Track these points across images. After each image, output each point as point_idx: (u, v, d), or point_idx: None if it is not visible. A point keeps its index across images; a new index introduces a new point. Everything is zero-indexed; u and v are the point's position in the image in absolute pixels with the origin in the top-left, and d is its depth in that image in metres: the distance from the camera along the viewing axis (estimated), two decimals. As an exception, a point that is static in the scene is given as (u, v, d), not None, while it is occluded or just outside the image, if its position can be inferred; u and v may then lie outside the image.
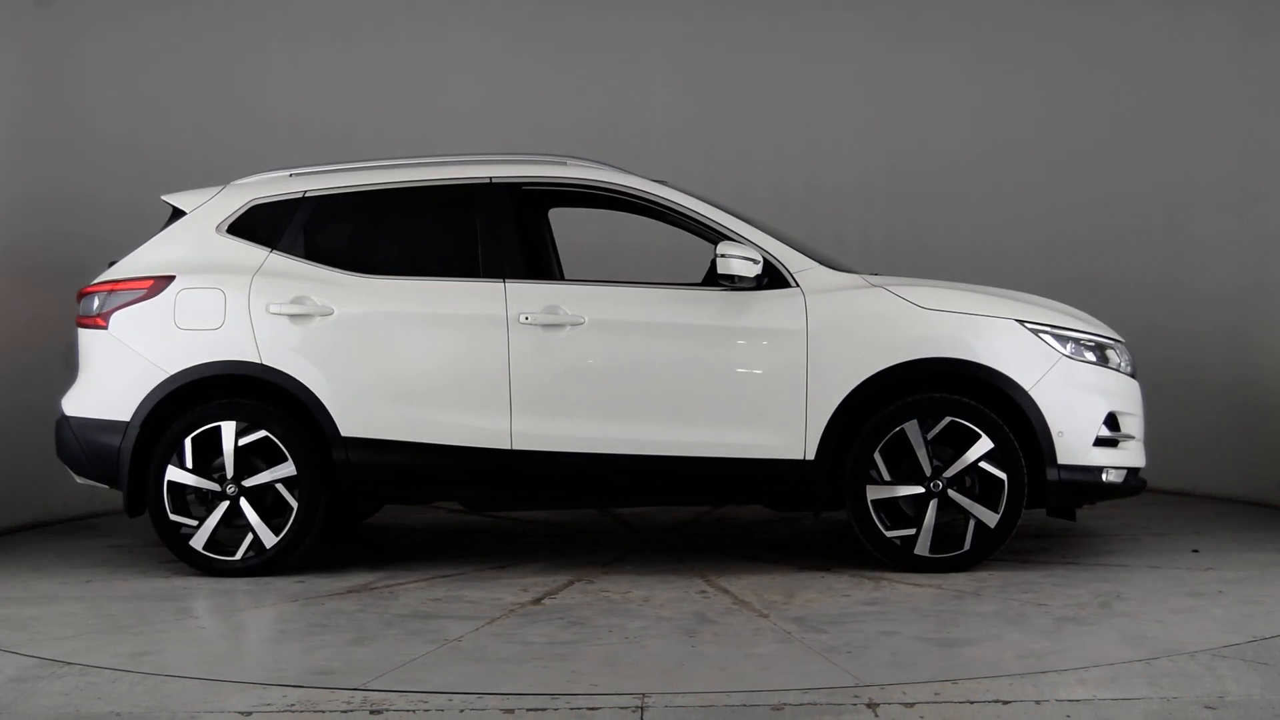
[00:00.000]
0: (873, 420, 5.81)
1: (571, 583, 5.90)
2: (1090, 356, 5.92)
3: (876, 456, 5.81)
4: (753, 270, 5.80)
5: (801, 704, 4.05)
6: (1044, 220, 8.79)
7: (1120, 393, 5.97)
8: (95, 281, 6.38)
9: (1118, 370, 6.00)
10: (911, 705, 4.01)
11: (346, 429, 5.98)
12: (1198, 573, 5.84)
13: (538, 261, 6.91)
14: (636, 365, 5.90)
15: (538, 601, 5.53)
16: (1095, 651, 4.58)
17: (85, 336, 6.29)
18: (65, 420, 6.28)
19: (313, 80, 8.98)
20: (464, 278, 6.03)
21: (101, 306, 6.24)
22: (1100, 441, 5.84)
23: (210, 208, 6.33)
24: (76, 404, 6.27)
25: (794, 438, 5.81)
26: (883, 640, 4.76)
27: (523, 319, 5.91)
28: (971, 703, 4.03)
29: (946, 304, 5.86)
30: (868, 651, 4.61)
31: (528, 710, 4.04)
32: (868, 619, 5.07)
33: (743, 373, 5.86)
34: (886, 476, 5.81)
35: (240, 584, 5.98)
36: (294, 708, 4.11)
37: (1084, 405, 5.83)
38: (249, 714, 4.08)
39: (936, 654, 4.58)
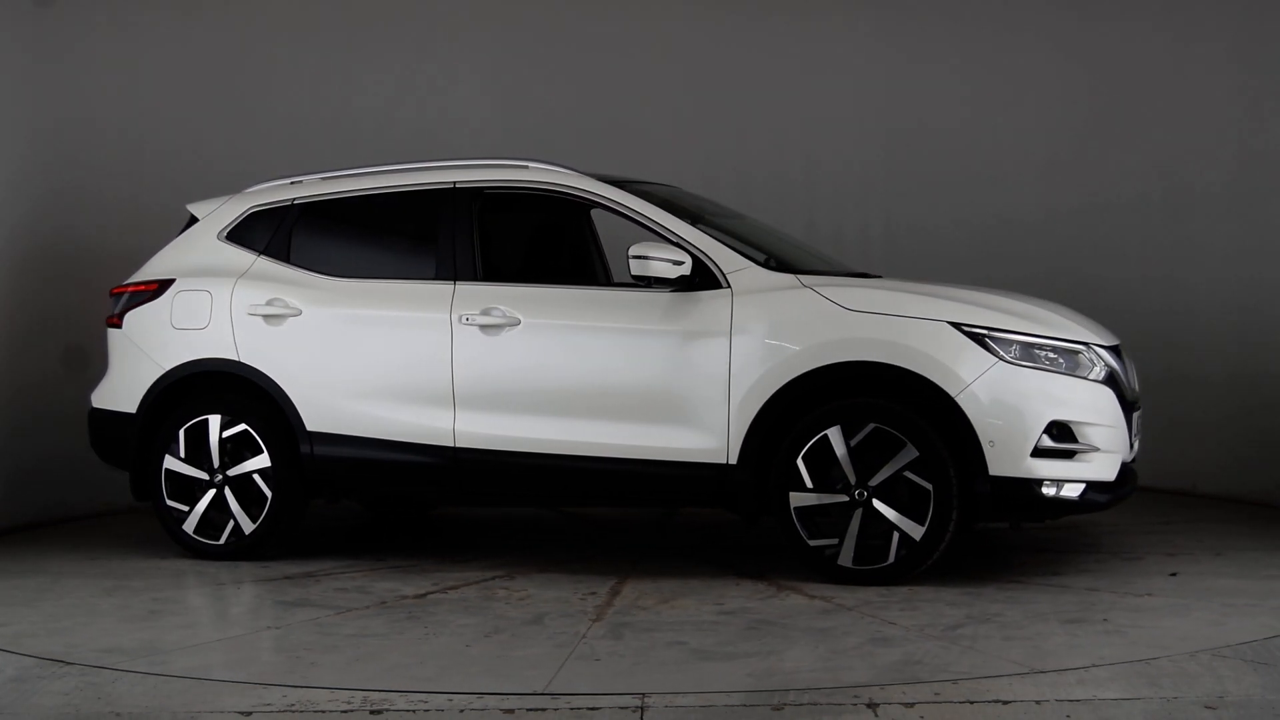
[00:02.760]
0: (798, 426, 5.61)
1: (492, 578, 6.00)
2: (1045, 361, 5.54)
3: (799, 463, 5.59)
4: (674, 271, 5.71)
5: (801, 704, 4.05)
6: (1043, 218, 8.76)
7: (1076, 401, 5.53)
8: (121, 284, 6.86)
9: (1085, 377, 5.58)
10: (911, 705, 4.01)
11: (311, 424, 6.30)
12: (1129, 598, 5.38)
13: (575, 263, 6.99)
14: (567, 366, 5.92)
15: (422, 596, 5.66)
16: (850, 675, 4.36)
17: (110, 335, 6.81)
18: (92, 412, 6.80)
19: (316, 84, 8.96)
20: (423, 280, 6.22)
21: (119, 307, 6.78)
22: (1043, 453, 5.45)
23: (217, 215, 6.78)
24: (100, 397, 6.79)
25: (717, 441, 5.70)
26: (657, 651, 4.69)
27: (464, 320, 6.05)
28: (971, 703, 4.03)
29: (874, 306, 5.61)
30: (620, 660, 4.58)
31: (528, 710, 4.05)
32: (686, 629, 4.97)
33: (669, 374, 5.77)
34: (809, 484, 5.60)
35: (213, 567, 6.37)
36: (294, 708, 4.12)
37: (1020, 413, 5.43)
38: (249, 714, 4.08)
39: (677, 667, 4.49)
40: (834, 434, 5.57)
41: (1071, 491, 5.50)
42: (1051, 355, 5.58)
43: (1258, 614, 5.10)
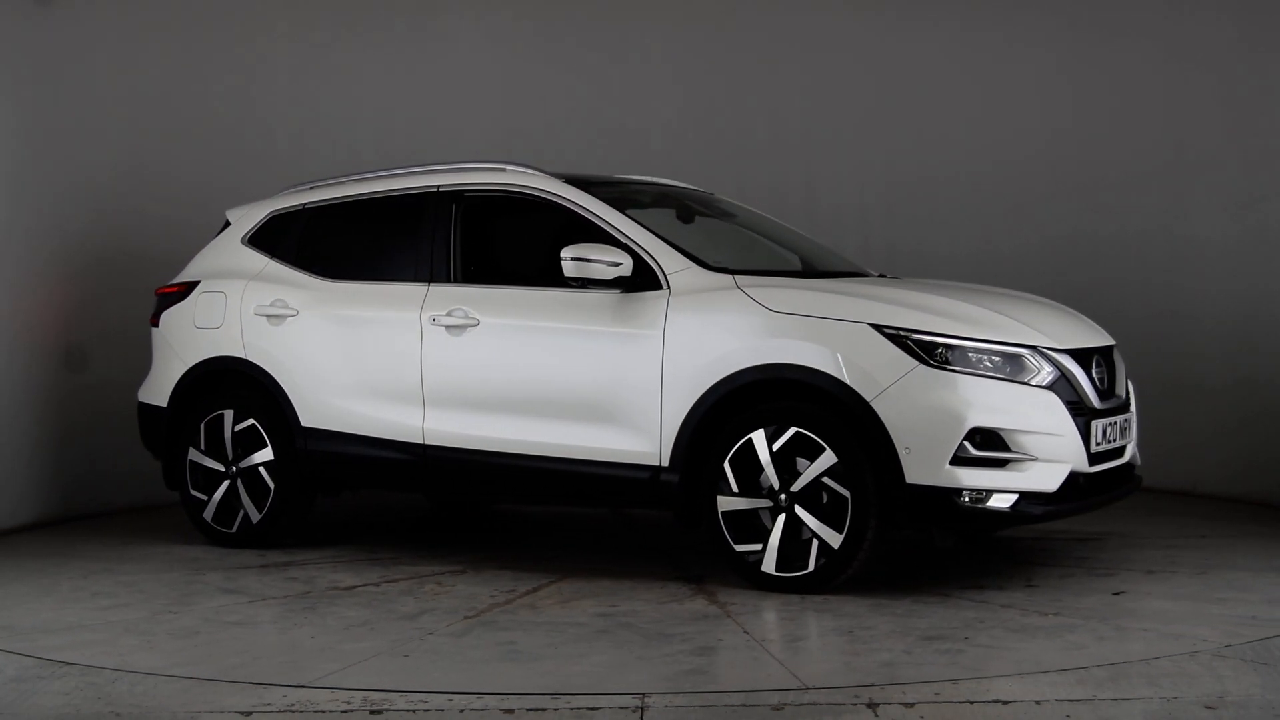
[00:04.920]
0: (726, 429, 5.53)
1: (442, 573, 6.13)
2: (978, 365, 5.26)
3: (726, 467, 5.51)
4: (611, 273, 5.68)
5: (801, 704, 4.06)
6: (1043, 220, 8.78)
7: (1009, 407, 5.23)
8: (162, 286, 7.24)
9: (1026, 383, 5.29)
10: (911, 705, 4.01)
11: (305, 420, 6.58)
12: (1031, 616, 5.06)
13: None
14: (519, 366, 5.98)
15: (351, 589, 5.85)
16: (623, 681, 4.31)
17: (152, 334, 7.21)
18: (138, 405, 7.20)
19: (319, 83, 8.98)
20: (403, 281, 6.38)
21: (157, 307, 7.17)
22: (965, 461, 5.18)
23: (244, 220, 7.09)
24: (143, 392, 7.19)
25: (650, 443, 5.67)
26: (476, 651, 4.71)
27: (432, 321, 6.19)
28: (971, 703, 4.03)
29: (796, 306, 5.46)
30: (428, 658, 4.65)
31: (528, 710, 4.05)
32: (539, 630, 4.99)
33: (609, 375, 5.75)
34: (734, 488, 5.51)
35: (215, 553, 6.70)
36: (294, 708, 4.13)
37: (939, 419, 5.17)
38: (249, 714, 4.09)
39: (469, 668, 4.51)
40: (758, 438, 5.47)
41: (1001, 502, 5.21)
42: (992, 359, 5.30)
43: (1132, 641, 4.71)
